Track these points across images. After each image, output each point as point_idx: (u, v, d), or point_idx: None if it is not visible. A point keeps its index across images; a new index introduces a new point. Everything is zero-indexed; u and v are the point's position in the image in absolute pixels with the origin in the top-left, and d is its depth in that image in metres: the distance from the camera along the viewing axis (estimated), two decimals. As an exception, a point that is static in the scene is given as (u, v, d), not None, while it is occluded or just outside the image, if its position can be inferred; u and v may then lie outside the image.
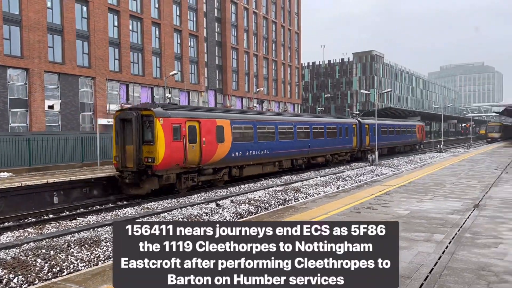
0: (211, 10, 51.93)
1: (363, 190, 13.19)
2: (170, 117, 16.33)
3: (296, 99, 72.24)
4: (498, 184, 13.99)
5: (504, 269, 5.56)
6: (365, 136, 32.67)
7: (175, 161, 16.35)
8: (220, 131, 18.69)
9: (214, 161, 18.38)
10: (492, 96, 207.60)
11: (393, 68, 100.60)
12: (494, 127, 65.38)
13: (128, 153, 16.14)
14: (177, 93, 44.98)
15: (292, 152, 24.09)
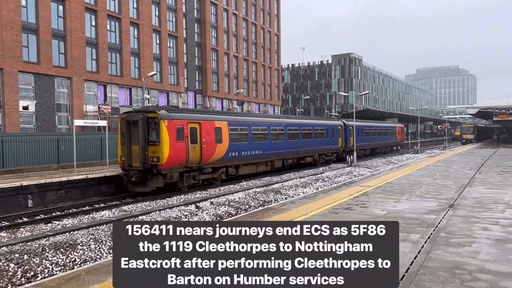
0: (190, 10, 51.67)
1: (342, 191, 13.32)
2: (174, 119, 17.27)
3: (276, 101, 72.52)
4: (472, 184, 14.34)
5: (477, 267, 5.69)
6: (350, 138, 33.79)
7: (178, 161, 17.25)
8: (219, 133, 19.66)
9: (213, 161, 19.32)
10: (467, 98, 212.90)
11: (371, 70, 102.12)
12: (469, 129, 67.08)
13: (134, 153, 16.93)
14: (156, 94, 44.55)
15: (283, 153, 25.17)
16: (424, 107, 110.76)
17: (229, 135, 20.36)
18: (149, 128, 16.86)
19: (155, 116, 16.82)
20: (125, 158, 17.09)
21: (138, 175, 16.73)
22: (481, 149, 40.18)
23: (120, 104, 40.35)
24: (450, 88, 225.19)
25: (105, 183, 18.13)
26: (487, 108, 51.63)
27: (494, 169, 19.78)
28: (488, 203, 10.55)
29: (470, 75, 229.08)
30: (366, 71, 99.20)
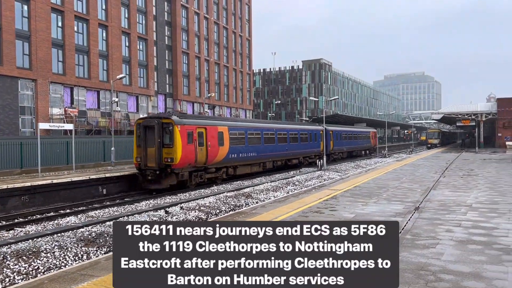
0: (161, 13, 51.17)
1: (312, 194, 13.45)
2: (185, 124, 19.48)
3: (247, 105, 72.66)
4: (437, 187, 14.78)
5: (441, 268, 5.87)
6: (330, 141, 36.79)
7: (188, 161, 19.45)
8: (221, 137, 22.01)
9: (216, 162, 21.65)
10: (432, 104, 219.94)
11: (340, 76, 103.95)
12: (434, 134, 69.23)
13: (150, 154, 18.88)
14: (125, 97, 43.79)
15: (274, 155, 27.69)
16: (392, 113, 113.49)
17: (230, 139, 22.67)
18: (163, 132, 18.96)
19: (170, 122, 19.00)
20: (141, 159, 19.02)
21: (154, 174, 18.71)
22: (446, 153, 41.55)
23: (88, 107, 39.42)
24: (416, 94, 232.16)
25: (72, 188, 17.64)
26: (450, 114, 53.49)
27: (457, 172, 20.47)
28: (451, 206, 10.90)
29: (435, 81, 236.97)
30: (335, 77, 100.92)
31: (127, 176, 20.59)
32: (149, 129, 19.11)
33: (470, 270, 5.76)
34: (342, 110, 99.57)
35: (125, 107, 43.64)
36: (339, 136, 39.14)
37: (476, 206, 10.77)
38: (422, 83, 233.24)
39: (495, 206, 10.78)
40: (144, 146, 18.99)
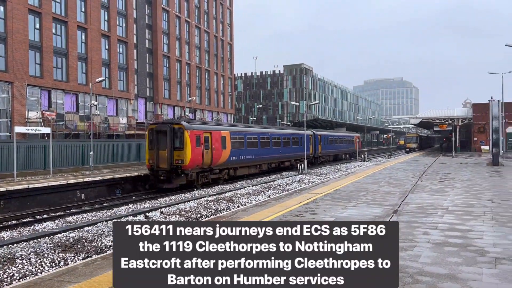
0: (141, 16, 50.77)
1: (292, 198, 13.52)
2: (194, 129, 21.27)
3: (229, 109, 72.60)
4: (415, 191, 15.04)
5: (418, 270, 5.98)
6: (318, 145, 38.98)
7: (196, 163, 21.17)
8: (224, 140, 23.83)
9: (220, 163, 23.46)
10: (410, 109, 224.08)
11: (321, 81, 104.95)
12: (412, 138, 70.48)
13: (162, 156, 20.53)
14: (104, 100, 43.18)
15: (269, 158, 29.79)
16: (371, 117, 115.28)
17: (231, 143, 24.55)
18: (174, 136, 20.63)
19: (180, 127, 20.77)
20: (153, 161, 20.64)
21: (166, 174, 20.30)
22: (423, 157, 42.32)
23: (66, 110, 38.72)
24: (395, 99, 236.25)
25: (49, 193, 17.29)
26: (428, 119, 54.57)
27: (434, 176, 20.88)
28: (428, 209, 11.11)
29: (413, 87, 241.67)
30: (316, 82, 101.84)
31: (107, 181, 20.30)
32: (161, 134, 20.82)
33: (446, 271, 5.89)
34: (322, 115, 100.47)
35: (104, 110, 43.04)
36: (326, 140, 41.45)
37: (452, 209, 11.00)
38: (400, 88, 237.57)
39: (470, 209, 11.04)
40: (156, 149, 20.69)
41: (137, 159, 30.79)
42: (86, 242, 10.23)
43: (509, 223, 9.05)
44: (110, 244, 10.21)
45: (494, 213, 10.34)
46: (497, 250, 6.94)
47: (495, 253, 6.73)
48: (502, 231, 8.31)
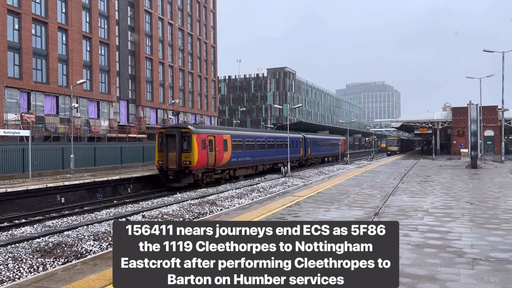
0: (124, 18, 50.31)
1: (275, 201, 13.55)
2: (200, 133, 23.27)
3: (212, 112, 72.41)
4: (395, 193, 15.25)
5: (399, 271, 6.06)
6: (308, 148, 41.17)
7: (202, 164, 23.09)
8: (226, 143, 25.75)
9: (222, 164, 25.42)
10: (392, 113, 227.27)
11: (304, 84, 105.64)
12: (393, 141, 71.50)
13: (171, 158, 22.44)
14: (85, 102, 42.58)
15: (265, 159, 32.01)
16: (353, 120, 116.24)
17: (232, 145, 26.45)
18: (182, 140, 22.58)
19: (188, 131, 22.76)
20: (163, 162, 22.53)
21: (175, 174, 22.23)
22: (404, 160, 42.94)
23: (46, 113, 38.05)
24: (377, 103, 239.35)
25: (28, 197, 16.94)
26: (409, 122, 55.47)
27: (415, 178, 21.21)
28: (409, 211, 11.28)
29: (394, 90, 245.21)
30: (299, 85, 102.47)
31: (87, 184, 20.01)
32: (171, 137, 22.70)
33: (425, 273, 5.98)
34: (306, 118, 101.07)
35: (85, 113, 42.43)
36: (315, 143, 44.00)
37: (432, 211, 11.20)
38: (382, 92, 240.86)
39: (449, 210, 11.25)
40: (166, 151, 22.55)
41: (119, 162, 30.42)
42: (66, 246, 10.07)
43: (486, 225, 9.26)
44: (90, 248, 10.06)
45: (472, 214, 10.56)
46: (474, 251, 7.09)
47: (473, 254, 6.88)
48: (479, 233, 8.49)
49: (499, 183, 18.28)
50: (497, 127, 47.25)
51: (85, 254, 9.59)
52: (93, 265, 6.65)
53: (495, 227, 9.01)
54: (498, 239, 7.91)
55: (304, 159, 40.95)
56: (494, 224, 9.26)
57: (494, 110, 49.17)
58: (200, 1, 68.47)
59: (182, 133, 22.72)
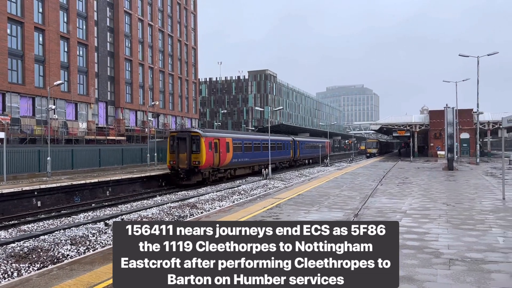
0: (102, 19, 49.63)
1: (256, 203, 13.55)
2: (207, 136, 26.08)
3: (193, 114, 72.03)
4: (374, 195, 15.45)
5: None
6: (297, 150, 44.45)
7: (209, 164, 25.89)
8: (228, 146, 28.48)
9: (225, 164, 28.12)
10: (371, 115, 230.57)
11: (285, 87, 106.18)
12: (372, 143, 72.46)
13: (182, 158, 25.03)
14: (63, 104, 41.79)
15: (260, 160, 34.39)
16: (333, 123, 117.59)
17: (233, 147, 29.23)
18: (192, 142, 25.17)
19: (197, 134, 25.60)
20: (174, 162, 25.10)
21: (185, 173, 24.81)
22: (383, 162, 43.55)
23: (22, 114, 37.17)
24: (356, 106, 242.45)
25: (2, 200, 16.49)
26: (387, 125, 56.31)
27: (393, 180, 21.53)
28: (387, 212, 11.44)
29: (373, 94, 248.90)
30: (280, 88, 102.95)
31: (64, 187, 19.61)
32: (181, 140, 25.32)
33: (403, 273, 6.07)
34: (287, 120, 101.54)
35: (63, 114, 41.64)
36: (303, 146, 47.15)
37: (410, 213, 11.38)
38: (361, 95, 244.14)
39: (427, 212, 11.45)
40: (177, 152, 25.11)
41: (97, 165, 29.93)
42: (42, 251, 9.83)
43: (462, 225, 9.46)
44: (67, 253, 9.86)
45: (448, 216, 10.77)
46: (451, 251, 7.24)
47: (449, 255, 7.01)
48: (455, 233, 8.67)
49: (474, 184, 18.72)
50: (473, 130, 48.42)
51: (61, 259, 9.39)
52: (70, 270, 6.51)
53: (470, 227, 9.21)
54: (474, 239, 8.09)
55: (293, 160, 43.97)
56: (470, 225, 9.47)
57: (469, 113, 50.38)
58: (180, 3, 68.13)
59: (192, 136, 25.37)
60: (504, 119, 13.14)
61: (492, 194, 15.04)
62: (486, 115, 50.80)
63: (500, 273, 6.03)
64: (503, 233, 8.60)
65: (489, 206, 12.19)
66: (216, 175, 27.34)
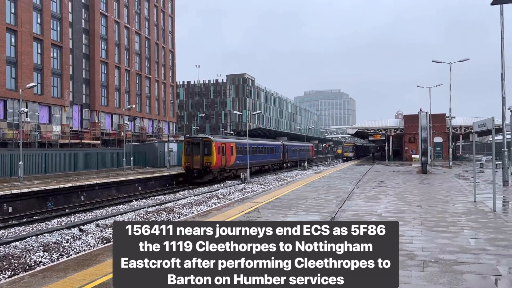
0: (77, 20, 48.76)
1: (234, 207, 13.52)
2: (217, 141, 30.84)
3: (171, 117, 71.41)
4: (351, 198, 15.64)
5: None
6: (286, 153, 49.68)
7: (218, 165, 30.49)
8: (232, 149, 33.32)
9: (230, 165, 32.94)
10: (347, 120, 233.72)
11: (263, 91, 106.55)
12: (349, 147, 73.38)
13: (196, 160, 29.53)
14: (36, 107, 40.78)
15: (257, 162, 39.56)
16: (311, 127, 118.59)
17: (236, 151, 34.00)
18: (204, 146, 29.70)
19: (209, 140, 30.24)
20: (189, 163, 29.67)
21: (198, 173, 29.37)
22: (359, 165, 44.14)
23: (-8, 117, 36.08)
24: (333, 110, 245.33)
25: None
26: (363, 129, 57.16)
27: (369, 184, 21.84)
28: (363, 215, 11.60)
29: (350, 98, 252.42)
30: (259, 92, 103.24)
31: (37, 192, 19.11)
32: (195, 145, 29.95)
33: (379, 275, 6.16)
34: (265, 124, 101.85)
35: (36, 118, 40.62)
36: (291, 149, 52.14)
37: (385, 215, 11.56)
38: (338, 99, 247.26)
39: (401, 214, 11.66)
40: (191, 155, 29.61)
41: (71, 169, 29.29)
42: (13, 258, 9.55)
43: (435, 228, 9.68)
44: (40, 260, 9.60)
45: (422, 218, 11.00)
46: (424, 253, 7.39)
47: (423, 256, 7.16)
48: (429, 235, 8.85)
49: (447, 187, 19.17)
50: (445, 134, 49.67)
51: (34, 266, 9.14)
52: (43, 277, 6.34)
53: (443, 229, 9.43)
54: (446, 241, 8.29)
55: (283, 162, 49.16)
56: (443, 227, 9.69)
57: (442, 118, 51.68)
58: (158, 6, 67.62)
59: (204, 142, 29.85)
60: (475, 124, 13.52)
61: (464, 196, 15.44)
62: (458, 119, 52.23)
63: (472, 274, 6.20)
64: (474, 235, 8.84)
65: (461, 209, 12.51)
66: (223, 174, 31.81)
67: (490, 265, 6.58)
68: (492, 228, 9.53)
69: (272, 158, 44.76)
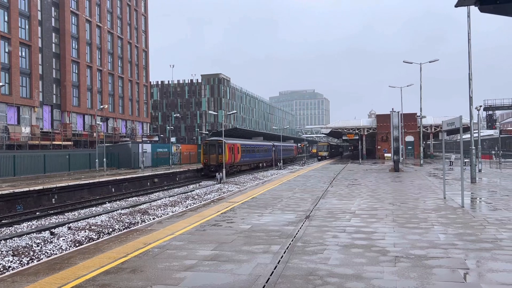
0: (47, 19, 47.49)
1: (210, 208, 13.48)
2: (228, 143, 37.78)
3: (144, 118, 70.46)
4: (325, 196, 15.85)
5: (327, 272, 6.30)
6: (276, 152, 56.56)
7: (229, 161, 37.48)
8: (238, 148, 40.84)
9: (237, 162, 40.67)
10: (322, 119, 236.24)
11: (238, 91, 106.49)
12: (323, 147, 74.26)
13: (212, 158, 37.34)
14: (3, 107, 39.51)
15: (254, 160, 47.73)
16: (286, 127, 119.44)
17: (241, 150, 41.93)
18: (218, 147, 37.02)
19: (222, 142, 36.67)
20: (207, 160, 37.34)
21: (214, 168, 36.22)
22: (334, 164, 44.74)
23: (-43, 118, 34.71)
24: (308, 110, 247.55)
25: None
26: (337, 129, 57.97)
27: (343, 182, 22.18)
28: (338, 213, 11.78)
29: (324, 98, 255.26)
30: (234, 92, 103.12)
31: (5, 196, 18.51)
32: (211, 145, 37.80)
33: (352, 272, 6.28)
34: (240, 124, 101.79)
35: (4, 118, 39.35)
36: (280, 149, 58.86)
37: (358, 213, 11.78)
38: (313, 99, 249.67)
39: (374, 212, 11.91)
40: (209, 154, 37.51)
41: (42, 171, 28.52)
42: (-20, 264, 9.23)
43: (407, 224, 9.93)
44: (9, 265, 9.32)
45: (394, 215, 11.26)
46: (396, 249, 7.57)
47: (395, 252, 7.34)
48: (401, 232, 9.08)
49: (418, 185, 19.68)
50: (417, 133, 50.91)
51: (2, 271, 8.87)
52: (12, 282, 6.17)
53: (414, 226, 9.68)
54: (417, 237, 8.52)
55: (274, 160, 55.41)
56: (414, 224, 9.96)
57: (413, 117, 52.95)
58: (130, 5, 66.61)
59: (219, 143, 37.14)
60: (444, 123, 13.93)
61: (434, 193, 15.89)
62: (429, 119, 53.62)
63: (441, 268, 6.39)
64: (444, 230, 9.12)
65: (431, 205, 12.87)
66: (232, 169, 39.58)
67: (458, 259, 6.81)
68: (460, 223, 9.85)
69: (265, 157, 52.76)
